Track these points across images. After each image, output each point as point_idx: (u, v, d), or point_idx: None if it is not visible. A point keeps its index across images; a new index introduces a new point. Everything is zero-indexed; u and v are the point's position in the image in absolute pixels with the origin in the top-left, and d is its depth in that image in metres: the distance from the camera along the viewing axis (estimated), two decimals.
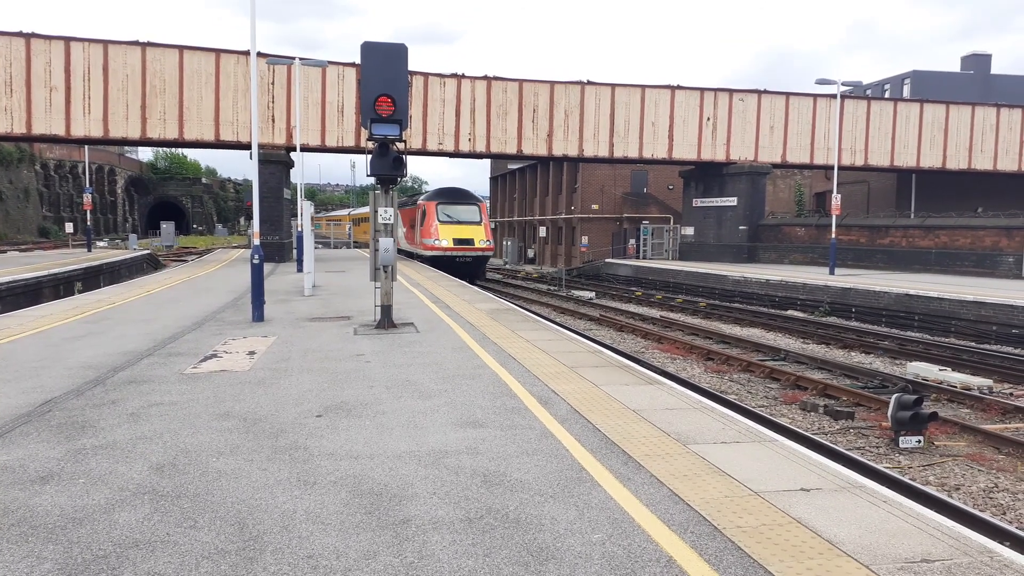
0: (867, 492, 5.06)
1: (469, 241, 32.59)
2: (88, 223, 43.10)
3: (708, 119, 35.90)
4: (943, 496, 7.75)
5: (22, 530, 4.32)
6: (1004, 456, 9.35)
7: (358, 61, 12.16)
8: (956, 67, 58.91)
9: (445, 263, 31.19)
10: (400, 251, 40.08)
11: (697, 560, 4.00)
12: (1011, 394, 12.76)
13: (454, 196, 35.13)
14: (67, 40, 28.73)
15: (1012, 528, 6.96)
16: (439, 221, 32.72)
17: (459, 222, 32.90)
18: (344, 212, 70.15)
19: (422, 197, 36.91)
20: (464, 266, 31.69)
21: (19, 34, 28.28)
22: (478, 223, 33.39)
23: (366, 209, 48.95)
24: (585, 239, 47.55)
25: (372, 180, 12.51)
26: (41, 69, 28.40)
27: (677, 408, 7.30)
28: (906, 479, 8.25)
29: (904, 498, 5.05)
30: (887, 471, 8.41)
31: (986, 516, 7.23)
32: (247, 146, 28.30)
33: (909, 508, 4.81)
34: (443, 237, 32.23)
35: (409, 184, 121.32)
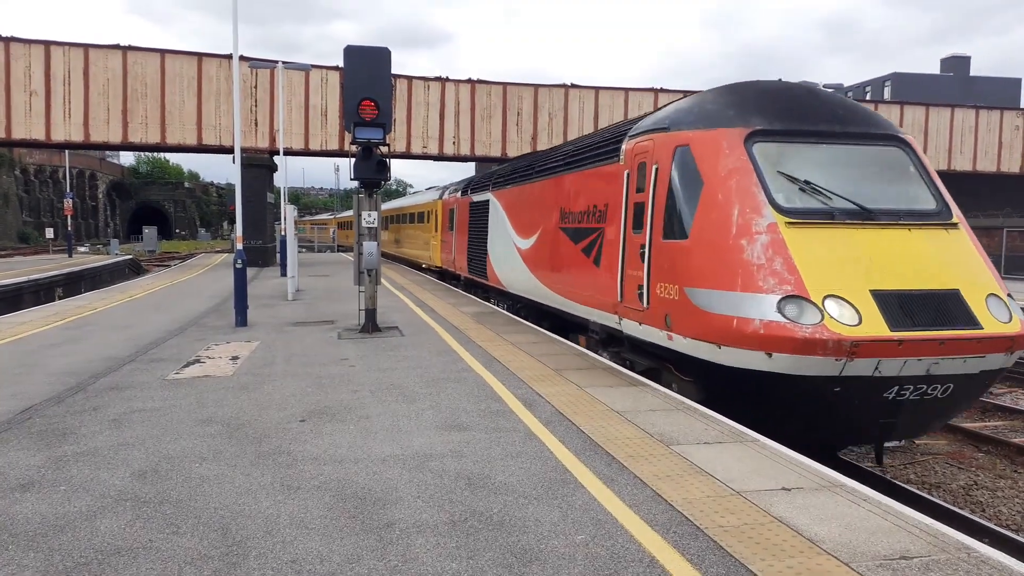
0: (847, 491, 5.12)
1: (950, 303, 6.80)
2: (69, 228, 42.74)
3: None
4: (923, 494, 7.84)
5: (1, 538, 4.29)
6: (983, 454, 9.48)
7: (341, 64, 12.14)
8: (936, 69, 59.65)
9: (862, 401, 6.79)
10: (535, 305, 14.26)
11: (680, 560, 4.03)
12: (990, 393, 12.91)
13: (819, 113, 8.07)
14: (47, 44, 28.51)
15: (990, 525, 7.07)
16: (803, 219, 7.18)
17: (875, 221, 7.31)
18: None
19: (670, 111, 8.94)
20: (921, 411, 7.00)
21: None
22: (950, 223, 8.37)
23: (395, 204, 41.04)
24: None
25: (356, 184, 12.51)
26: (21, 73, 28.16)
27: (661, 409, 7.34)
28: (887, 477, 8.34)
29: (884, 496, 5.10)
30: (868, 469, 8.50)
31: (964, 513, 7.33)
32: (230, 150, 28.14)
33: (888, 506, 4.86)
34: (842, 291, 6.62)
35: (393, 188, 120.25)
